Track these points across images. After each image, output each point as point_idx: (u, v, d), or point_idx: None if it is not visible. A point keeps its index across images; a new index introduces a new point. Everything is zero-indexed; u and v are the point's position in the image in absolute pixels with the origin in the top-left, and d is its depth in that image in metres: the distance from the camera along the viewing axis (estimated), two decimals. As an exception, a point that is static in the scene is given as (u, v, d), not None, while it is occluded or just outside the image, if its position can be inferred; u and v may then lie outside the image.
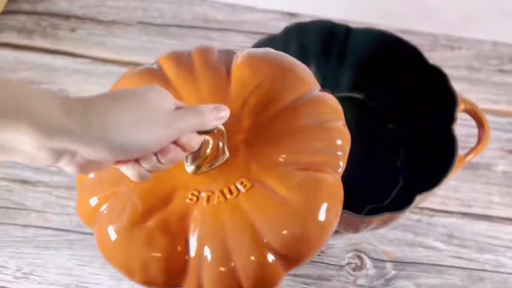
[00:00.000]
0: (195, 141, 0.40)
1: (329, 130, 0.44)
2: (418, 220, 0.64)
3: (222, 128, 0.43)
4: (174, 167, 0.41)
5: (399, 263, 0.61)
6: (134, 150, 0.35)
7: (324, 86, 0.72)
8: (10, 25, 0.78)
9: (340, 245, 0.62)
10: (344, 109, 0.72)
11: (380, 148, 0.69)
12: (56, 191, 0.64)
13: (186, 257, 0.42)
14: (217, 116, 0.40)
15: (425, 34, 0.80)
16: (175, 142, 0.38)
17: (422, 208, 0.65)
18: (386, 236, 0.63)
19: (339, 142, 0.44)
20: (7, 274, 0.58)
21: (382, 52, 0.67)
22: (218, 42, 0.78)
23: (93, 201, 0.45)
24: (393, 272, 0.60)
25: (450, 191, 0.66)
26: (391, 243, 0.62)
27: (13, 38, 0.76)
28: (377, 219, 0.53)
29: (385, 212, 0.53)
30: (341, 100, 0.71)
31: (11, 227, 0.61)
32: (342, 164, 0.44)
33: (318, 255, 0.61)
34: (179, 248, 0.42)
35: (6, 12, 0.79)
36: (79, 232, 0.61)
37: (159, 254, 0.41)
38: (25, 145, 0.31)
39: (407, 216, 0.64)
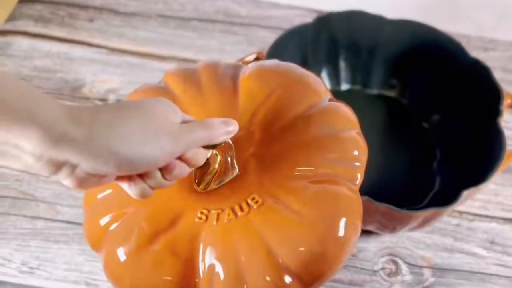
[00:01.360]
0: (201, 156, 0.38)
1: (344, 140, 0.41)
2: (457, 225, 0.59)
3: (230, 141, 0.40)
4: (182, 185, 0.40)
5: (437, 270, 0.56)
6: (140, 164, 0.33)
7: (354, 83, 0.69)
8: (26, 14, 0.75)
9: (372, 249, 0.57)
10: (376, 108, 0.69)
11: (415, 149, 0.65)
12: (68, 182, 0.60)
13: (196, 280, 0.39)
14: (226, 130, 0.38)
15: (458, 35, 0.76)
16: (180, 157, 0.36)
17: (461, 212, 0.60)
18: (422, 241, 0.58)
19: (355, 152, 0.41)
20: (11, 268, 0.54)
21: (417, 46, 0.64)
22: (241, 37, 0.75)
23: (103, 221, 0.42)
24: (431, 279, 0.55)
25: (490, 195, 0.61)
26: (428, 248, 0.57)
27: (30, 27, 0.73)
28: (421, 214, 0.48)
29: (430, 208, 0.48)
30: (372, 98, 0.69)
31: (18, 219, 0.57)
32: (360, 176, 0.41)
33: (349, 258, 0.56)
34: (188, 271, 0.39)
35: (23, 0, 0.76)
36: (91, 226, 0.57)
37: (168, 278, 0.39)
38: (26, 151, 0.29)
39: (445, 220, 0.59)
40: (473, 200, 0.60)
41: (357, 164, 0.41)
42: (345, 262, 0.40)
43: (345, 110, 0.44)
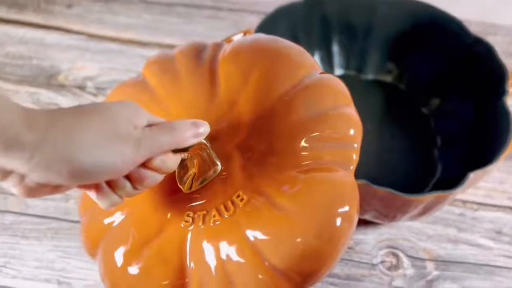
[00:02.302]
0: (171, 161, 0.34)
1: (336, 119, 0.37)
2: (461, 214, 0.55)
3: (204, 140, 0.36)
4: (167, 186, 0.38)
5: (441, 262, 0.52)
6: (97, 173, 0.30)
7: (348, 68, 0.65)
8: (0, -1, 0.70)
9: (371, 241, 0.53)
10: (371, 94, 0.65)
11: (414, 136, 0.60)
12: (41, 173, 0.55)
13: (187, 283, 0.37)
14: (195, 132, 0.35)
15: (456, 19, 0.73)
16: (148, 166, 0.32)
17: (464, 201, 0.56)
18: (424, 232, 0.54)
19: (350, 132, 0.37)
20: (-24, 267, 0.49)
21: (415, 26, 0.60)
22: (228, 22, 0.71)
23: (108, 220, 0.40)
24: (435, 273, 0.51)
25: (495, 183, 0.58)
26: (430, 240, 0.53)
27: (2, 13, 0.69)
28: (424, 199, 0.44)
29: (433, 191, 0.44)
30: (368, 84, 0.65)
31: (-16, 213, 0.52)
32: (355, 158, 0.37)
33: (346, 251, 0.52)
34: (179, 278, 0.37)
35: (-4, -14, 0.72)
36: (65, 220, 0.52)
37: (161, 283, 0.37)
38: None
39: (448, 210, 0.55)
40: (476, 188, 0.56)
41: (351, 145, 0.37)
42: (341, 256, 0.36)
43: (336, 83, 0.40)
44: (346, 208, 0.35)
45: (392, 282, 0.50)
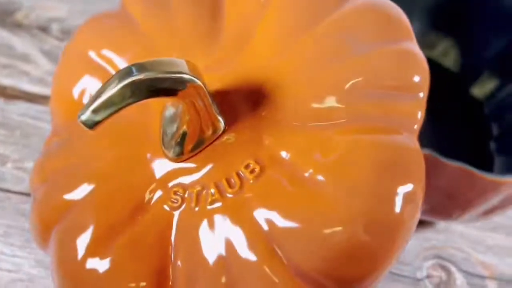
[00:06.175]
0: None
1: (392, 59, 0.25)
2: (527, 223, 0.42)
3: (198, 81, 0.23)
4: (148, 151, 0.27)
5: (505, 282, 0.39)
6: None
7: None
8: None
9: (414, 248, 0.39)
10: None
11: (463, 125, 0.48)
12: (-27, 125, 0.41)
13: None
14: None
15: None
16: None
17: (529, 207, 0.43)
18: (481, 241, 0.41)
19: (414, 77, 0.25)
20: None
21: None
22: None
23: (69, 196, 0.28)
24: (498, 296, 0.38)
25: None
26: (490, 251, 0.40)
27: None
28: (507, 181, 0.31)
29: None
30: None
31: None
32: (420, 115, 0.26)
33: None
34: (157, 278, 0.26)
35: None
36: (-3, 188, 0.38)
37: (135, 286, 0.25)
38: None
39: (509, 215, 0.42)
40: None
41: (417, 95, 0.25)
42: (401, 252, 0.23)
43: (391, 9, 0.27)
44: (409, 187, 0.23)
45: (443, 305, 0.37)
